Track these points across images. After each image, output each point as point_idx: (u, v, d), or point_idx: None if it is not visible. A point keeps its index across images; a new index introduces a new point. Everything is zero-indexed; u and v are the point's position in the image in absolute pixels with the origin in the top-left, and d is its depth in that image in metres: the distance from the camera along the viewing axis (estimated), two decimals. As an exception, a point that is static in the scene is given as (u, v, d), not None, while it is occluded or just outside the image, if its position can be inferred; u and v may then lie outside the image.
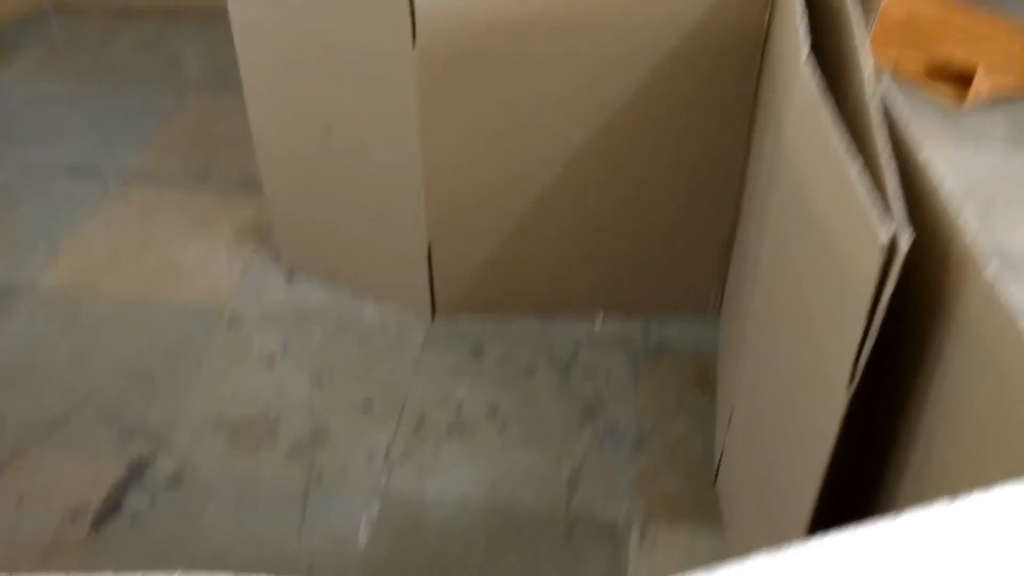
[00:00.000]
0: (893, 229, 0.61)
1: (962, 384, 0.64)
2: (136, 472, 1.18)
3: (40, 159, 1.70)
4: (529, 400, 1.26)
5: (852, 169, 0.67)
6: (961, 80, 1.85)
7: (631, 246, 1.31)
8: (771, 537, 0.89)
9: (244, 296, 1.43)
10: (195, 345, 1.35)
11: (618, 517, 1.12)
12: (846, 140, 0.70)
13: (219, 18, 1.32)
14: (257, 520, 1.12)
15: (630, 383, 1.28)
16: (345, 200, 1.32)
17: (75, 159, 1.70)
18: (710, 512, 1.12)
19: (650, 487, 1.15)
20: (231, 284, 1.45)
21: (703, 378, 1.28)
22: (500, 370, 1.31)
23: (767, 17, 1.08)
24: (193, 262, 1.49)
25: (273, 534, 1.11)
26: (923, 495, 0.69)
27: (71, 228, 1.55)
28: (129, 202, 1.60)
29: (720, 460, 1.12)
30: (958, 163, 1.68)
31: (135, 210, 1.59)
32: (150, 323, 1.39)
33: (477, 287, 1.35)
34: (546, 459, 1.19)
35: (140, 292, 1.44)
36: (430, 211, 1.26)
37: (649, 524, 1.11)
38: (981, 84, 1.82)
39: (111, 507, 1.14)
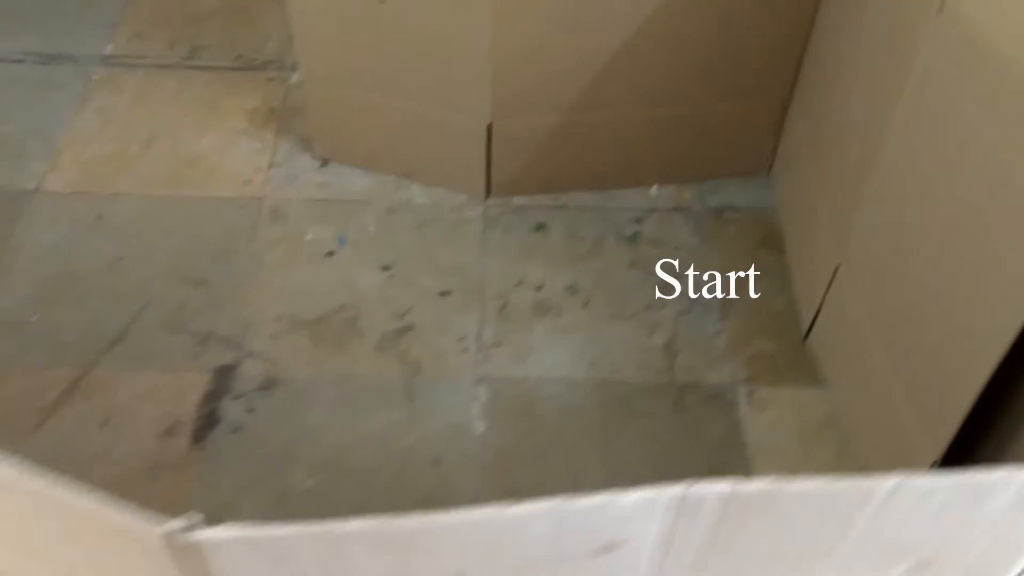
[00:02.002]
0: None
1: None
2: (223, 380, 1.12)
3: (2, 50, 1.52)
4: (605, 274, 1.26)
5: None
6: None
7: (688, 111, 1.29)
8: (917, 395, 0.93)
9: (280, 187, 1.34)
10: (243, 241, 1.27)
11: (723, 380, 1.15)
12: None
13: None
14: (366, 417, 1.09)
15: (700, 249, 1.29)
16: (398, 78, 1.24)
17: (42, 47, 1.52)
18: (806, 369, 1.16)
19: (744, 349, 1.18)
20: (261, 175, 1.35)
21: (769, 238, 1.30)
22: (568, 246, 1.29)
23: None
24: (212, 153, 1.38)
25: (387, 429, 1.08)
26: None
27: (62, 123, 1.41)
28: (119, 91, 1.46)
29: (815, 317, 1.15)
30: None
31: (128, 99, 1.45)
32: (185, 221, 1.29)
33: (533, 164, 1.31)
34: (637, 331, 1.19)
35: (163, 189, 1.33)
36: (497, 87, 1.20)
37: (753, 384, 1.14)
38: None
39: (208, 418, 1.08)
